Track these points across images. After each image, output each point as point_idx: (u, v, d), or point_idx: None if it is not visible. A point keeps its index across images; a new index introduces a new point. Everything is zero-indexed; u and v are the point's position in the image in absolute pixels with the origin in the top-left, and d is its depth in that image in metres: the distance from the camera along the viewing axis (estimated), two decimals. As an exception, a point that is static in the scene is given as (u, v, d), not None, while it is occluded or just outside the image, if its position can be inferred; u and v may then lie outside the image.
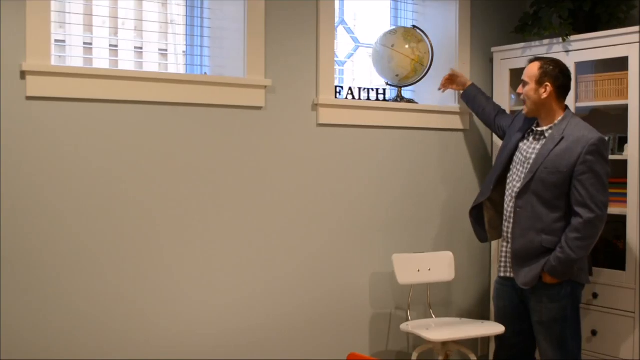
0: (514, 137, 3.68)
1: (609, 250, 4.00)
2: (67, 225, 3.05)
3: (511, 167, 3.63)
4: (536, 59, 3.61)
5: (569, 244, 3.33)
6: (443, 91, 4.29)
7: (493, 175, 3.76)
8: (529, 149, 3.55)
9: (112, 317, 3.16)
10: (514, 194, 3.54)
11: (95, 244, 3.12)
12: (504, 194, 3.68)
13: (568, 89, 3.57)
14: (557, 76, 3.50)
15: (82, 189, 3.09)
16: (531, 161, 3.48)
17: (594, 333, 3.95)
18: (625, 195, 3.81)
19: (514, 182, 3.57)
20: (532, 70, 3.52)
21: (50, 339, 3.01)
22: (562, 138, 3.41)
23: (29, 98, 2.95)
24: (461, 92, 4.25)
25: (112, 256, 3.17)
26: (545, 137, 3.50)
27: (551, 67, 3.50)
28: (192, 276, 3.40)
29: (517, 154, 3.61)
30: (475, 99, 4.15)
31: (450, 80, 4.23)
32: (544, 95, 3.47)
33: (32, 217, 2.97)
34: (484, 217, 3.81)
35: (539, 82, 3.48)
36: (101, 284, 3.13)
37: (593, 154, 3.34)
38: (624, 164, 3.82)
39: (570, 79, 3.58)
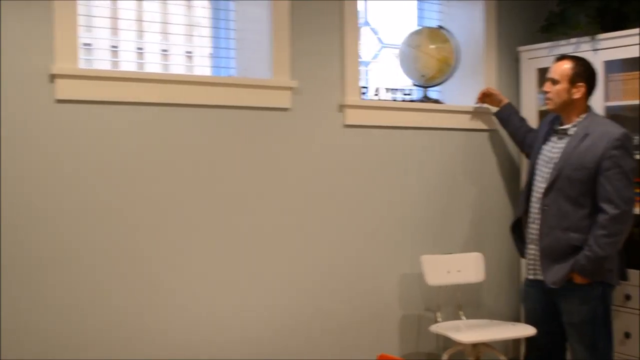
0: (537, 143, 3.66)
1: (641, 251, 3.94)
2: (92, 224, 3.06)
3: (535, 170, 3.59)
4: (564, 57, 3.57)
5: (597, 242, 3.29)
6: (481, 104, 4.27)
7: (527, 186, 3.67)
8: (552, 149, 3.52)
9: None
10: (539, 195, 3.49)
11: (117, 244, 3.13)
12: None
13: (595, 88, 3.57)
14: (589, 77, 3.49)
15: (111, 189, 3.10)
16: (556, 160, 3.45)
17: (627, 335, 3.89)
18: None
19: (539, 183, 3.53)
20: (564, 70, 3.48)
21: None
22: (587, 135, 3.40)
23: (58, 101, 2.96)
24: (496, 109, 4.23)
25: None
26: (568, 135, 3.47)
27: (583, 68, 3.49)
28: (218, 279, 3.39)
29: (541, 156, 3.58)
30: (509, 119, 4.13)
31: (486, 95, 4.22)
32: (577, 96, 3.45)
33: (62, 216, 2.99)
34: (523, 232, 3.73)
35: (572, 82, 3.45)
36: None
37: (618, 148, 3.31)
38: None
39: (597, 77, 3.57)
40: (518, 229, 3.75)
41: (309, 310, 3.67)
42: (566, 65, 3.49)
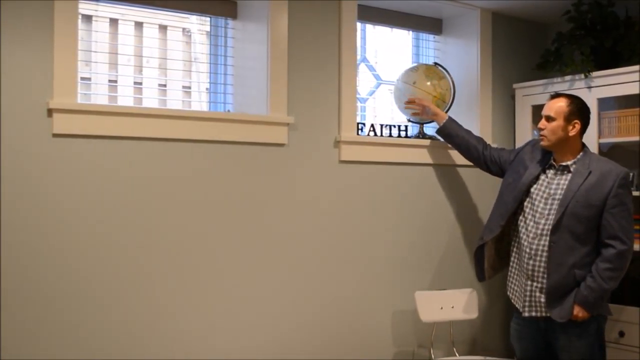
0: (528, 172, 3.60)
1: (636, 287, 3.94)
2: (89, 256, 3.08)
3: (527, 203, 3.55)
4: (559, 94, 3.58)
5: (601, 274, 3.30)
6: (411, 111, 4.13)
7: (504, 211, 3.63)
8: (551, 185, 3.50)
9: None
10: (541, 231, 3.45)
11: (113, 276, 3.15)
12: (506, 231, 3.65)
13: (588, 126, 3.56)
14: (584, 114, 3.49)
15: (107, 223, 3.11)
16: (558, 196, 3.44)
17: (622, 373, 3.88)
18: (650, 232, 3.76)
19: (536, 218, 3.48)
20: (560, 107, 3.48)
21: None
22: (590, 172, 3.40)
23: (55, 135, 2.99)
24: (438, 123, 4.07)
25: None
26: (570, 171, 3.47)
27: (579, 106, 3.48)
28: (210, 316, 3.39)
29: (536, 190, 3.54)
30: (457, 133, 4.02)
31: (418, 104, 4.07)
32: (572, 133, 3.44)
33: (59, 248, 3.00)
34: (484, 256, 3.74)
35: (568, 120, 3.45)
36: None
37: (623, 187, 3.36)
38: (647, 200, 3.79)
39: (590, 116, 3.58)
40: (480, 252, 3.75)
41: (301, 347, 3.66)
42: (561, 103, 3.49)
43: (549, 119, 3.49)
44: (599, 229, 3.37)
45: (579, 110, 3.47)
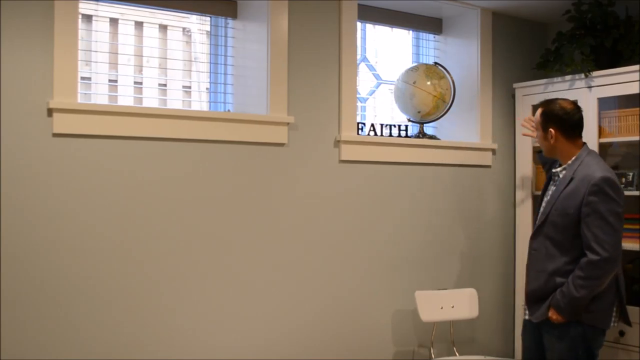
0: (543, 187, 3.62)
1: (636, 287, 3.94)
2: (88, 255, 3.08)
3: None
4: (541, 103, 3.52)
5: (573, 282, 3.23)
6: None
7: None
8: (549, 192, 3.50)
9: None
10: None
11: (113, 273, 3.15)
12: None
13: (577, 127, 3.41)
14: (560, 118, 3.37)
15: (107, 223, 3.11)
16: (545, 204, 3.45)
17: (622, 373, 3.88)
18: (651, 231, 3.76)
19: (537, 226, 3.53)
20: (536, 117, 3.46)
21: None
22: (572, 178, 3.32)
23: (55, 135, 2.99)
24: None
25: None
26: (559, 177, 3.45)
27: (553, 111, 3.40)
28: (210, 315, 3.40)
29: (545, 198, 3.53)
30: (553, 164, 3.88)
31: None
32: (552, 141, 3.41)
33: (59, 246, 3.00)
34: None
35: (544, 129, 3.41)
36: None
37: (596, 194, 3.20)
38: (650, 199, 3.78)
39: (576, 115, 3.40)
40: None
41: (301, 347, 3.67)
42: (538, 113, 3.46)
43: (536, 129, 3.49)
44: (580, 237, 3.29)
45: (551, 117, 3.39)
